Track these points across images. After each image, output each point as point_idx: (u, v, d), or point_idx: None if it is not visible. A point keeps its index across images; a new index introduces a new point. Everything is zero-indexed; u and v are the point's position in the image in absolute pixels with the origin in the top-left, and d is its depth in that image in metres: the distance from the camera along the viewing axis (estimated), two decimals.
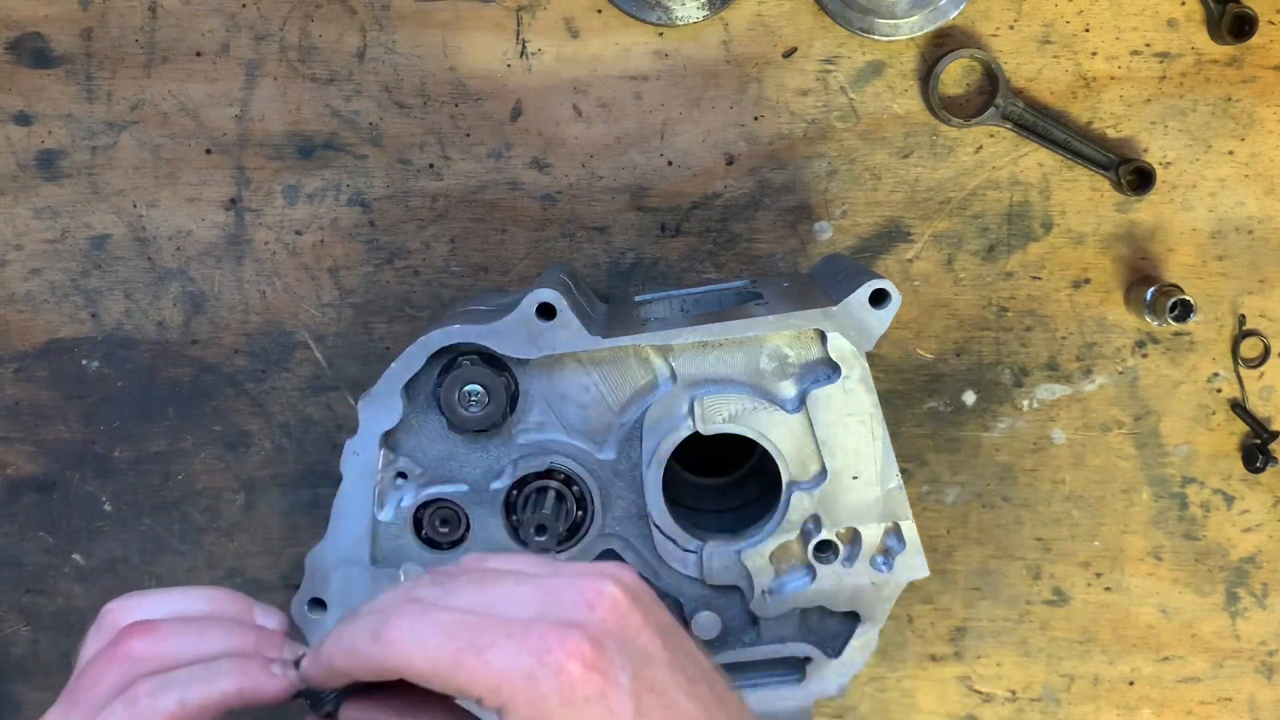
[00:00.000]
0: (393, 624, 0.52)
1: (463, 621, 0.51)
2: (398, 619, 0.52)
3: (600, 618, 0.52)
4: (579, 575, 0.54)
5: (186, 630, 0.59)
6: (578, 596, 0.52)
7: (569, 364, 0.74)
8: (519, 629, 0.50)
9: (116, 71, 0.87)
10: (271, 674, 0.57)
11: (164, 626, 0.58)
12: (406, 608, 0.52)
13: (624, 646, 0.51)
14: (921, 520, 0.91)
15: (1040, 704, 0.94)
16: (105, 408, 0.90)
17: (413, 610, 0.52)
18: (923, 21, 0.86)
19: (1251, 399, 0.91)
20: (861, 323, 0.72)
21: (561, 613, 0.52)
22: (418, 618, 0.52)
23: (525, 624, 0.51)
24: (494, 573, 0.55)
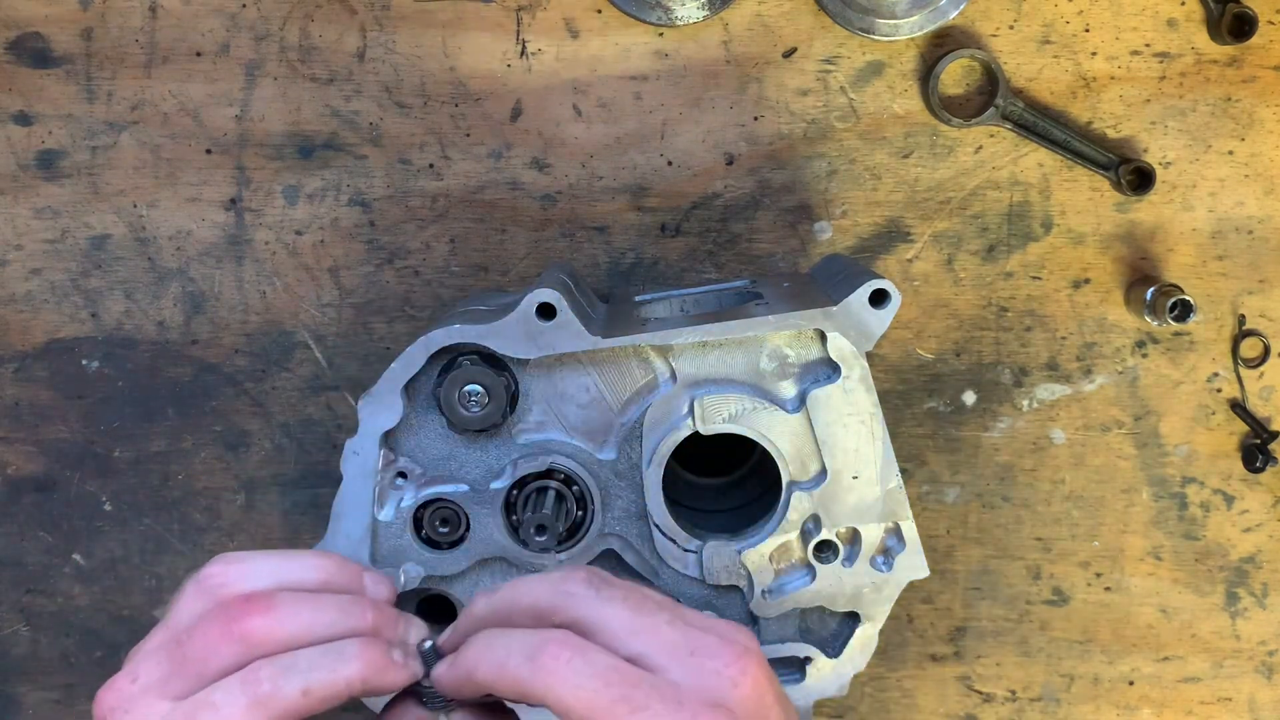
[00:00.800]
0: (551, 653, 0.52)
1: (620, 672, 0.52)
2: (558, 648, 0.52)
3: (742, 697, 0.53)
4: (725, 640, 0.54)
5: (302, 608, 0.56)
6: (725, 668, 0.53)
7: (569, 364, 0.74)
8: (672, 698, 0.51)
9: (116, 71, 0.87)
10: (394, 661, 0.56)
11: (281, 607, 0.56)
12: (567, 640, 0.53)
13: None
14: (921, 520, 0.91)
15: (1040, 704, 0.94)
16: (105, 408, 0.90)
17: (573, 644, 0.53)
18: (923, 21, 0.86)
19: (1251, 399, 0.91)
20: (861, 323, 0.72)
21: (709, 685, 0.53)
22: (578, 654, 0.52)
23: (679, 694, 0.52)
24: (647, 600, 0.56)
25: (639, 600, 0.55)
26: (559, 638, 0.53)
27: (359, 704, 0.76)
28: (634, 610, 0.55)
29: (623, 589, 0.56)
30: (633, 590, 0.56)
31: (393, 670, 0.56)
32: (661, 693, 0.51)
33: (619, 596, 0.55)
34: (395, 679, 0.57)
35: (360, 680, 0.55)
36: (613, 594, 0.55)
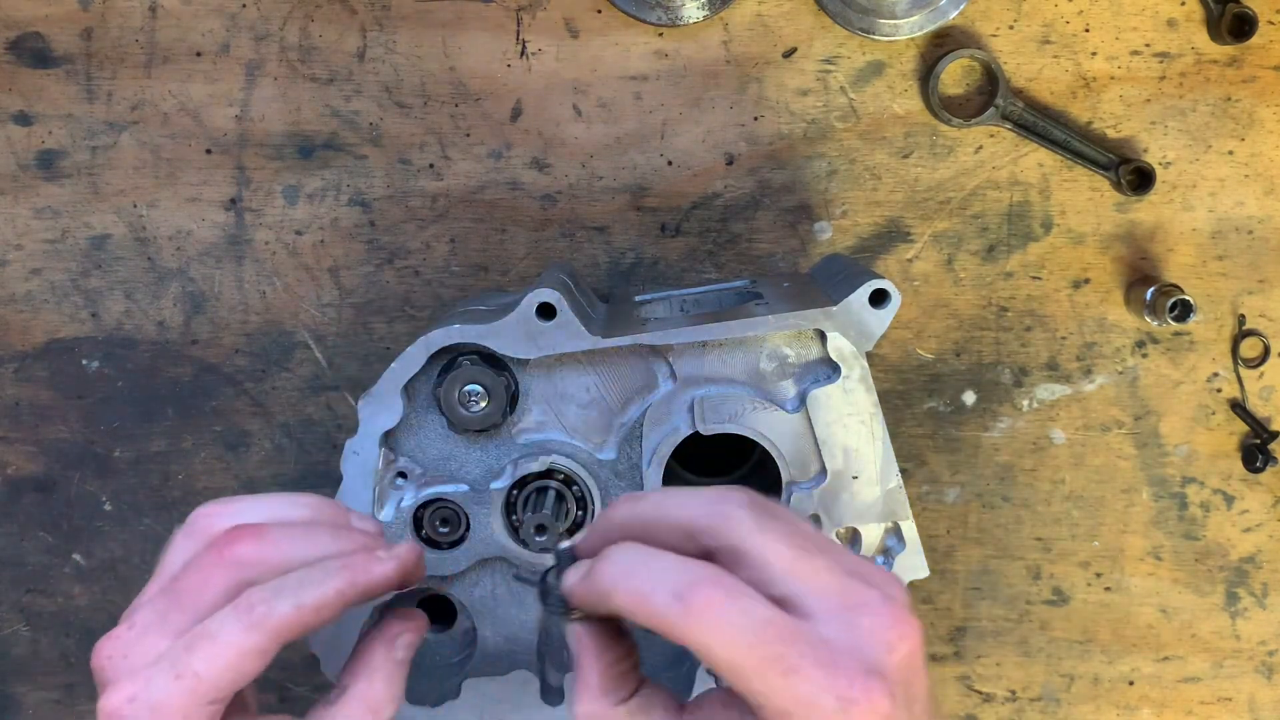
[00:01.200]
0: (704, 596, 0.48)
1: (775, 627, 0.48)
2: (710, 590, 0.48)
3: (897, 663, 0.49)
4: (887, 598, 0.50)
5: (293, 534, 0.57)
6: (883, 629, 0.49)
7: (569, 364, 0.74)
8: (827, 660, 0.48)
9: (116, 71, 0.87)
10: (378, 559, 0.56)
11: (271, 531, 0.57)
12: (719, 581, 0.49)
13: (909, 697, 0.49)
14: (921, 520, 0.91)
15: (1040, 704, 0.94)
16: (105, 408, 0.90)
17: (726, 587, 0.48)
18: (923, 21, 0.86)
19: (1251, 399, 0.91)
20: (861, 323, 0.72)
21: (864, 645, 0.49)
22: (732, 601, 0.48)
23: (833, 655, 0.48)
24: (809, 540, 0.51)
25: (801, 538, 0.51)
26: (711, 577, 0.49)
27: None
28: (795, 549, 0.50)
29: (785, 522, 0.51)
30: (794, 525, 0.51)
31: (379, 568, 0.56)
32: (816, 654, 0.47)
33: (781, 530, 0.50)
34: (381, 575, 0.56)
35: (349, 586, 0.55)
36: (774, 526, 0.50)
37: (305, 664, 0.78)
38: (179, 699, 0.53)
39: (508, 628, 0.78)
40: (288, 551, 0.56)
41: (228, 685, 0.54)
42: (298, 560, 0.56)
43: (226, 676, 0.53)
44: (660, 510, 0.53)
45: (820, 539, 0.52)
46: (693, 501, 0.52)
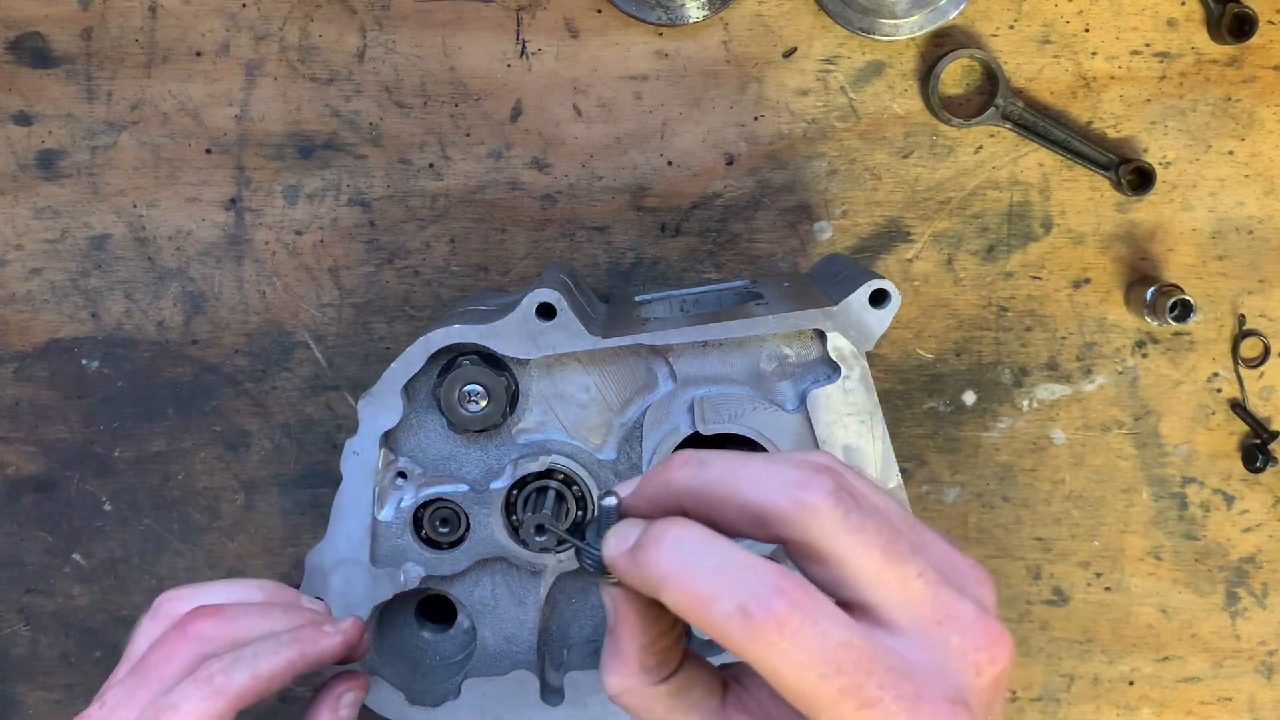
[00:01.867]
0: (775, 612, 0.43)
1: (854, 655, 0.43)
2: (784, 608, 0.42)
3: (983, 688, 0.45)
4: (981, 614, 0.45)
5: (249, 612, 0.63)
6: (974, 651, 0.45)
7: (569, 364, 0.74)
8: (910, 691, 0.43)
9: (116, 71, 0.87)
10: (326, 634, 0.62)
11: (229, 610, 0.62)
12: (797, 601, 0.43)
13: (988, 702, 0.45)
14: (921, 520, 0.91)
15: (1040, 704, 0.94)
16: (105, 408, 0.90)
17: (804, 609, 0.43)
18: (923, 21, 0.86)
19: (1251, 399, 0.91)
20: (861, 323, 0.72)
21: (952, 669, 0.45)
22: (808, 623, 0.43)
23: (916, 682, 0.43)
24: (900, 540, 0.46)
25: (891, 538, 0.45)
26: (785, 589, 0.43)
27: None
28: (885, 553, 0.45)
29: (875, 519, 0.45)
30: (885, 521, 0.46)
31: (327, 640, 0.62)
32: (898, 686, 0.43)
33: (871, 529, 0.45)
34: (330, 647, 0.62)
35: (299, 656, 0.61)
36: (864, 524, 0.45)
37: None
38: None
39: (508, 628, 0.78)
40: (244, 628, 0.62)
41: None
42: (253, 635, 0.62)
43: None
44: (730, 487, 0.46)
45: (913, 532, 0.47)
46: (770, 483, 0.46)
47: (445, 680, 0.79)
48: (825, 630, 0.43)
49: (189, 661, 0.60)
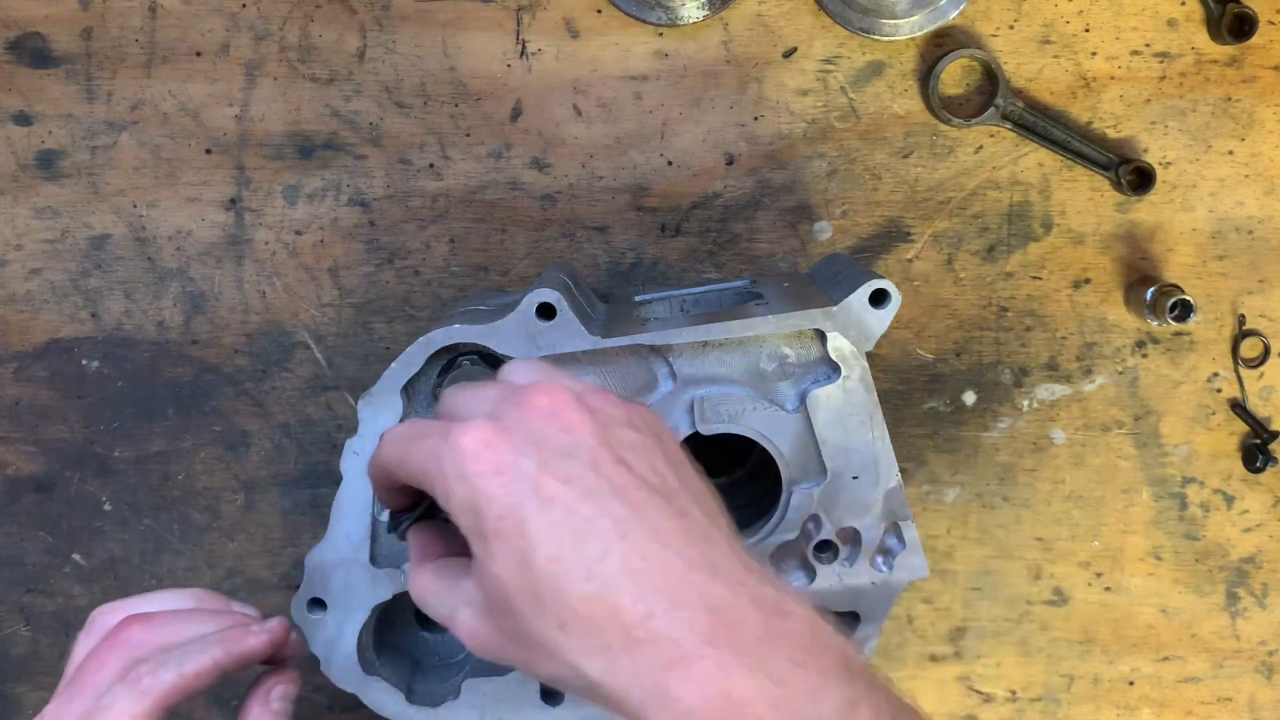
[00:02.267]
0: (389, 432, 0.61)
1: (419, 424, 0.59)
2: (395, 428, 0.61)
3: (520, 414, 0.55)
4: (543, 384, 0.57)
5: (178, 618, 0.66)
6: (518, 395, 0.56)
7: (569, 364, 0.74)
8: (451, 424, 0.56)
9: (116, 71, 0.87)
10: (251, 633, 0.65)
11: (158, 617, 0.66)
12: (403, 424, 0.61)
13: (539, 437, 0.54)
14: (921, 520, 0.91)
15: (1040, 704, 0.94)
16: (105, 408, 0.90)
17: (406, 424, 0.61)
18: (923, 21, 0.86)
19: (1251, 399, 0.91)
20: (861, 323, 0.72)
21: (495, 410, 0.56)
22: (403, 425, 0.61)
23: (460, 419, 0.56)
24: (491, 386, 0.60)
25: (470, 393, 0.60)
26: (406, 427, 0.60)
27: (359, 705, 0.76)
28: (474, 390, 0.60)
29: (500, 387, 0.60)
30: (509, 387, 0.60)
31: (252, 639, 0.65)
32: (444, 425, 0.56)
33: (491, 395, 0.59)
34: (255, 644, 0.65)
35: (224, 655, 0.63)
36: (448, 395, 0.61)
37: (305, 664, 0.78)
38: None
39: None
40: (172, 633, 0.65)
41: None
42: (181, 639, 0.64)
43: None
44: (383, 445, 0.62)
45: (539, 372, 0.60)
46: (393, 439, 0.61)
47: (445, 680, 0.79)
48: (409, 422, 0.61)
49: (120, 667, 0.63)
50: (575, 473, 0.54)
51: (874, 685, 0.53)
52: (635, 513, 0.53)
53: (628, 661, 0.51)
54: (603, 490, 0.53)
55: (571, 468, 0.54)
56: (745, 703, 0.50)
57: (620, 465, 0.55)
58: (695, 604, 0.52)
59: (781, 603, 0.53)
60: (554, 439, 0.55)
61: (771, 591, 0.54)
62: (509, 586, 0.53)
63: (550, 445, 0.54)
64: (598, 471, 0.54)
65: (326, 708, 0.92)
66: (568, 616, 0.52)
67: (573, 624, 0.52)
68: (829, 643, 0.53)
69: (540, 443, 0.54)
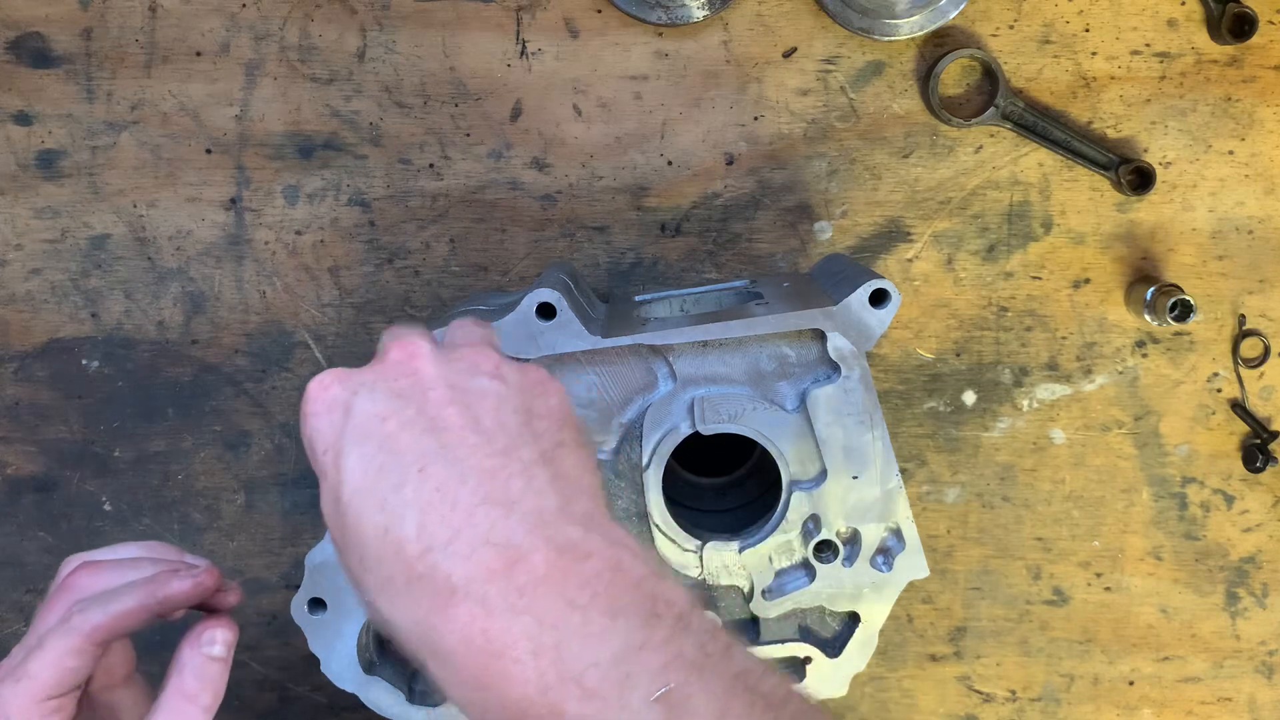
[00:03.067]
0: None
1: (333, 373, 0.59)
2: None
3: (374, 364, 0.57)
4: (406, 339, 0.57)
5: (121, 566, 0.68)
6: (383, 351, 0.58)
7: (569, 364, 0.74)
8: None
9: (116, 71, 0.87)
10: (179, 577, 0.66)
11: (103, 565, 0.68)
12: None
13: (377, 380, 0.55)
14: (921, 520, 0.91)
15: (1040, 704, 0.94)
16: (105, 408, 0.90)
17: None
18: (923, 21, 0.86)
19: (1251, 399, 0.91)
20: (861, 323, 0.72)
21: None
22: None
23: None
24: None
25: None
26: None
27: (359, 705, 0.76)
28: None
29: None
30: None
31: (178, 583, 0.65)
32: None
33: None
34: (180, 589, 0.65)
35: (149, 597, 0.65)
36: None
37: (305, 664, 0.78)
38: (18, 699, 0.63)
39: None
40: (114, 578, 0.67)
41: (55, 683, 0.63)
42: (120, 584, 0.66)
43: (53, 675, 0.63)
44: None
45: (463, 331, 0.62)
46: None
47: None
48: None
49: (64, 611, 0.65)
50: (398, 410, 0.53)
51: (681, 633, 0.50)
52: (444, 449, 0.52)
53: (406, 599, 0.50)
54: (418, 426, 0.53)
55: (397, 406, 0.54)
56: (506, 645, 0.48)
57: (453, 407, 0.54)
58: (478, 541, 0.49)
59: (584, 544, 0.51)
60: (393, 384, 0.55)
61: (579, 534, 0.51)
62: (330, 523, 0.53)
63: (385, 388, 0.55)
64: (421, 411, 0.53)
65: (327, 708, 0.92)
66: (364, 551, 0.51)
67: (368, 558, 0.51)
68: (633, 586, 0.50)
69: (374, 384, 0.55)
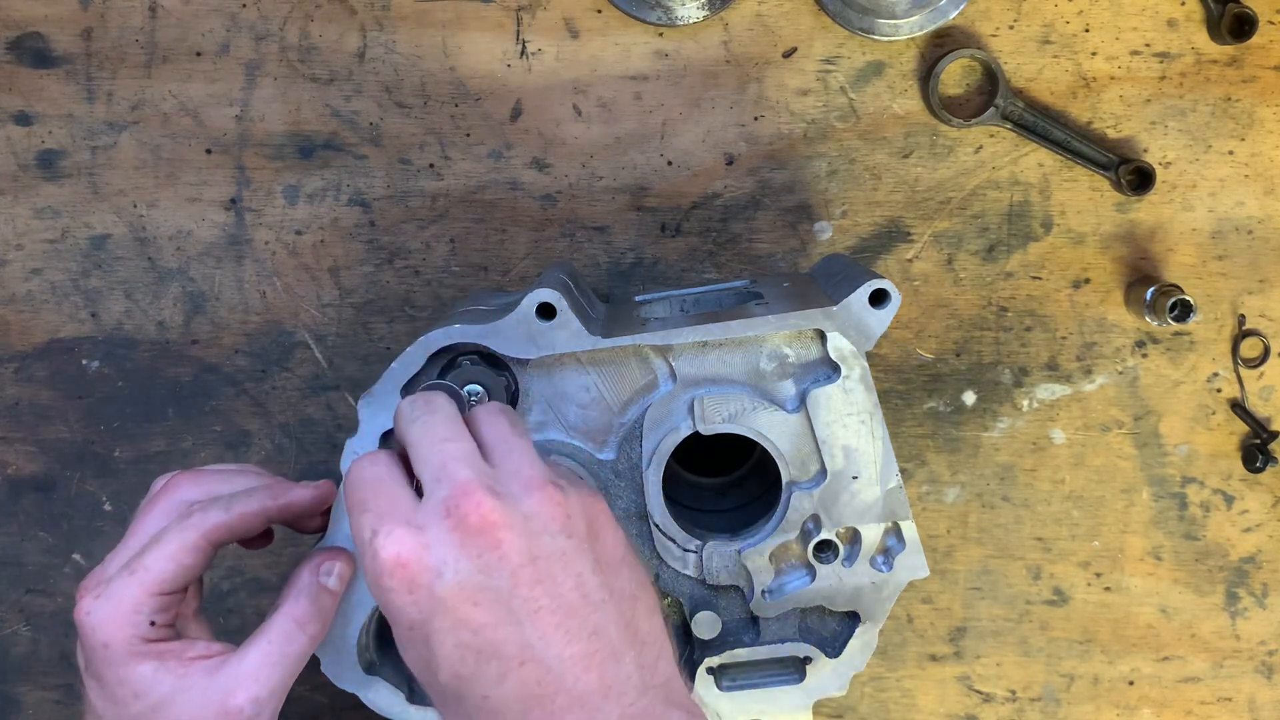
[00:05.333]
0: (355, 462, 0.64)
1: (375, 482, 0.61)
2: (358, 458, 0.64)
3: (445, 528, 0.58)
4: (476, 494, 0.59)
5: (227, 474, 0.69)
6: (450, 502, 0.59)
7: (569, 364, 0.74)
8: (388, 510, 0.60)
9: (117, 71, 0.87)
10: (300, 485, 0.68)
11: (206, 473, 0.70)
12: (366, 455, 0.65)
13: (457, 556, 0.57)
14: (921, 520, 0.91)
15: (1040, 704, 0.94)
16: (105, 408, 0.90)
17: (370, 455, 0.64)
18: (923, 21, 0.86)
19: (1251, 399, 0.91)
20: (861, 323, 0.72)
21: (425, 512, 0.59)
22: (369, 461, 0.63)
23: (394, 507, 0.60)
24: (446, 431, 0.63)
25: (440, 430, 0.63)
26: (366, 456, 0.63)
27: (359, 705, 0.76)
28: (431, 439, 0.62)
29: (432, 414, 0.64)
30: (437, 417, 0.63)
31: (302, 491, 0.68)
32: (381, 504, 0.59)
33: (424, 423, 0.63)
34: (303, 496, 0.68)
35: (271, 500, 0.67)
36: (420, 419, 0.64)
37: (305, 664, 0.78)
38: (132, 589, 0.64)
39: None
40: (222, 484, 0.68)
41: (171, 577, 0.64)
42: (230, 491, 0.68)
43: (170, 569, 0.64)
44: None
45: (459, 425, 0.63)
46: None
47: None
48: (372, 465, 0.62)
49: (172, 510, 0.67)
50: (488, 596, 0.57)
51: None
52: (542, 639, 0.57)
53: None
54: (512, 615, 0.57)
55: (486, 589, 0.57)
56: None
57: (539, 585, 0.57)
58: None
59: (666, 717, 0.58)
60: (475, 558, 0.57)
61: (660, 709, 0.58)
62: (419, 676, 0.60)
63: (468, 565, 0.57)
64: (513, 593, 0.57)
65: (327, 708, 0.92)
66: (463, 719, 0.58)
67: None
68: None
69: (457, 563, 0.57)
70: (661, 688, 0.59)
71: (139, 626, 0.64)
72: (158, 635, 0.64)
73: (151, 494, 0.69)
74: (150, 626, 0.64)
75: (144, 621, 0.64)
